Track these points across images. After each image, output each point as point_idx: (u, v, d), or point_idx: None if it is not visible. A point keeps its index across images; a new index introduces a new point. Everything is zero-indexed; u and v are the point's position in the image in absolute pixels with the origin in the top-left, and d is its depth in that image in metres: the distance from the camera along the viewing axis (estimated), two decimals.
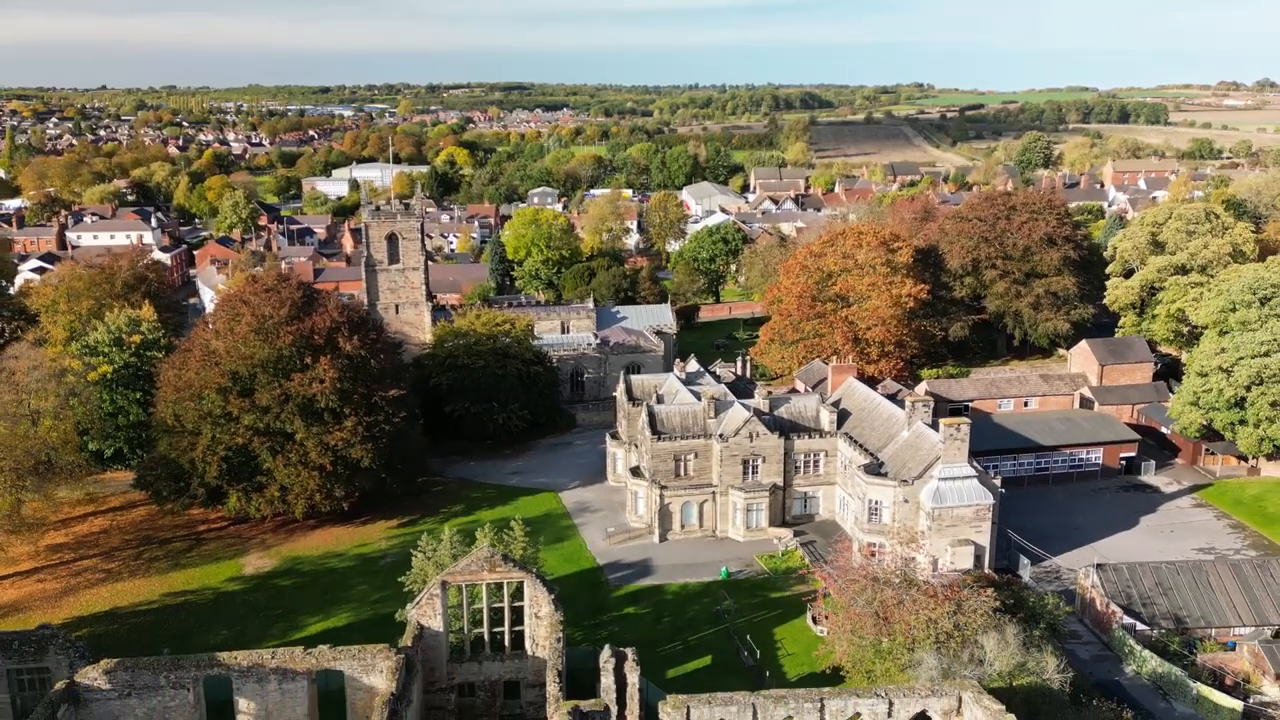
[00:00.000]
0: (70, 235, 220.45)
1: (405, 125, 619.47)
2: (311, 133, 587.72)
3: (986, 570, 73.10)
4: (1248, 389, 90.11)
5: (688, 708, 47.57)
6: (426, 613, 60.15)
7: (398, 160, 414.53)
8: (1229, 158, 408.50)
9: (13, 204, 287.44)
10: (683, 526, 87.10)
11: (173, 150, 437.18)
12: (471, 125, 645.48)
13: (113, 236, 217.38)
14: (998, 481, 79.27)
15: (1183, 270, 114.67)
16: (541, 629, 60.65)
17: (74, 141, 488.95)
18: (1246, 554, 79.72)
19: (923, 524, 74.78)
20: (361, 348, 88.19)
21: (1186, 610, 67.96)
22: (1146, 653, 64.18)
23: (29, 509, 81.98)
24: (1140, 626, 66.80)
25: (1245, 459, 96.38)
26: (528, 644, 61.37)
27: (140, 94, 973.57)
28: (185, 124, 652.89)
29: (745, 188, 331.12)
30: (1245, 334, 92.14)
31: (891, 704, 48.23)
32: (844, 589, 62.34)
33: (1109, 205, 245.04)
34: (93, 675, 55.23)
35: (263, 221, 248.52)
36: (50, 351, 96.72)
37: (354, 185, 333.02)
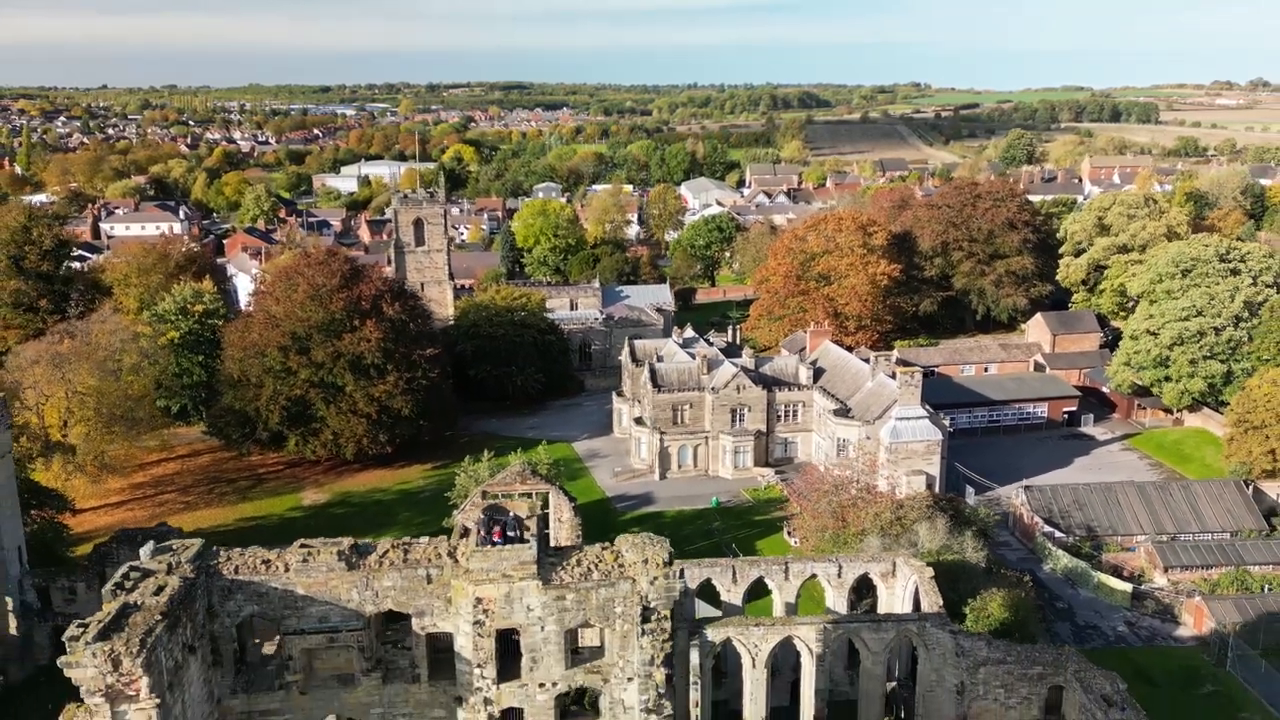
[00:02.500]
0: (104, 226, 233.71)
1: (408, 124, 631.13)
2: (316, 131, 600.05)
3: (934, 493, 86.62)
4: (1170, 349, 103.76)
5: (681, 568, 60.93)
6: (470, 517, 73.53)
7: (402, 158, 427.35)
8: (1212, 155, 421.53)
9: (35, 199, 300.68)
10: (679, 466, 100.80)
11: (182, 149, 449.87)
12: (473, 124, 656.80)
13: (143, 228, 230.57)
14: (947, 421, 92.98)
15: (1124, 250, 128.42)
16: (564, 531, 74.02)
17: (85, 140, 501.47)
18: None
19: (882, 457, 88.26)
20: (402, 313, 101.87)
21: (1097, 521, 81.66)
22: (1061, 553, 77.90)
23: (113, 454, 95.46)
24: (1058, 534, 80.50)
25: (1170, 411, 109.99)
26: (552, 544, 74.78)
27: (142, 93, 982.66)
28: (191, 123, 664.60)
29: (741, 183, 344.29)
30: (1169, 301, 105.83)
31: (840, 567, 61.74)
32: (808, 495, 75.88)
33: (1083, 198, 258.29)
34: None
35: (281, 214, 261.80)
36: (125, 319, 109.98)
37: (364, 181, 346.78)
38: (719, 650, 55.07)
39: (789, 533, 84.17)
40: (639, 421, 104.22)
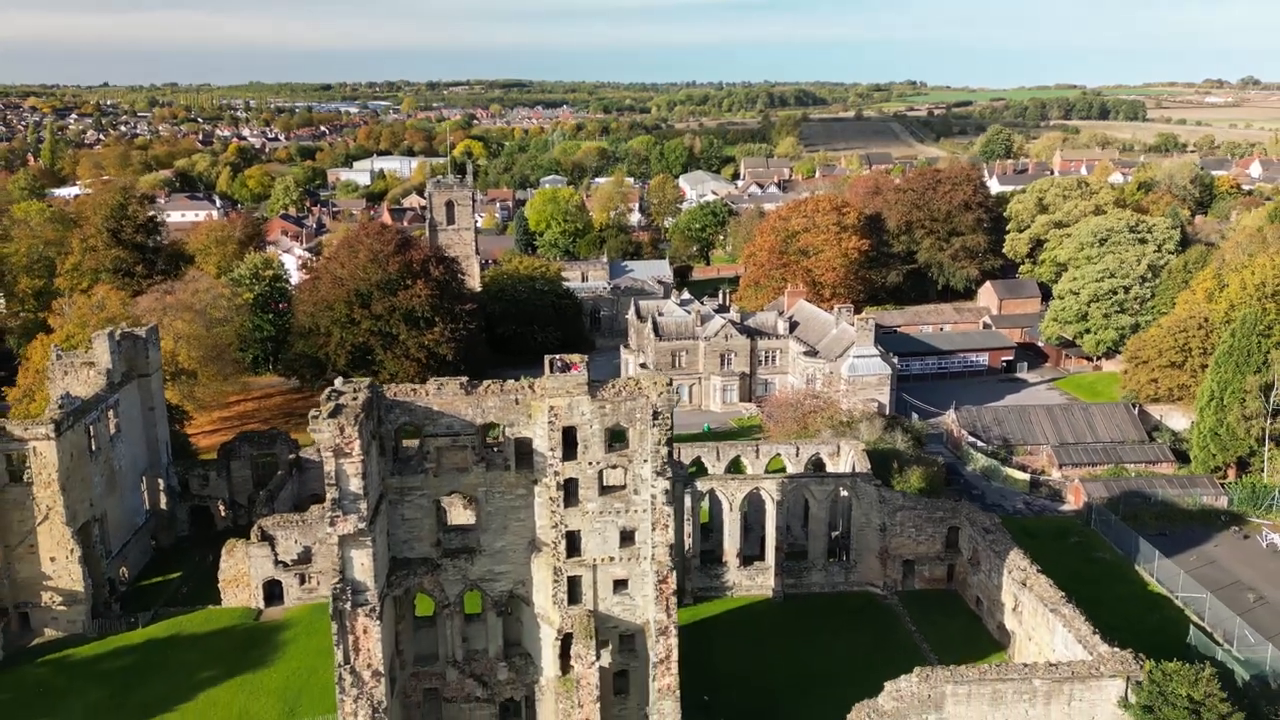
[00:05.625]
0: None
1: (413, 121, 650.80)
2: (323, 128, 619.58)
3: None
4: (1089, 305, 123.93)
5: (679, 448, 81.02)
6: None
7: (411, 153, 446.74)
8: (1192, 150, 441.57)
9: (65, 192, 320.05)
10: (677, 402, 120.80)
11: (197, 144, 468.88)
12: (476, 121, 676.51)
13: (183, 215, 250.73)
14: (897, 362, 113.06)
15: (1060, 225, 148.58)
16: None
17: (101, 137, 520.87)
18: None
19: (842, 388, 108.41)
20: (445, 274, 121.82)
21: (1012, 434, 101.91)
22: (980, 455, 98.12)
23: (210, 390, 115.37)
24: (980, 443, 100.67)
25: (1091, 359, 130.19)
26: None
27: (146, 91, 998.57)
28: (200, 119, 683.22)
29: (736, 176, 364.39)
30: (1088, 266, 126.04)
31: (798, 449, 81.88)
32: (775, 411, 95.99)
33: None
34: (309, 452, 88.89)
35: (308, 204, 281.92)
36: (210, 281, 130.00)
37: (378, 175, 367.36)
38: (704, 497, 75.21)
39: None
40: (643, 367, 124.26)
